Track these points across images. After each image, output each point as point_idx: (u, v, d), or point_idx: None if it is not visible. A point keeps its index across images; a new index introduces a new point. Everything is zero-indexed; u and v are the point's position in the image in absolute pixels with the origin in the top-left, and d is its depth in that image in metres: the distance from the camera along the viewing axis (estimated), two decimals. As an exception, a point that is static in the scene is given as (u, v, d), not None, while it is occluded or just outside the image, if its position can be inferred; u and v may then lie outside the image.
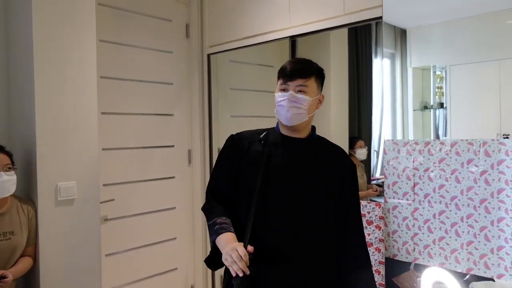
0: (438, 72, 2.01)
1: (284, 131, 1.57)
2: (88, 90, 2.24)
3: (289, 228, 1.45)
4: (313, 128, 1.63)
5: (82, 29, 2.21)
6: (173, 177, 3.01)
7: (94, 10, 2.25)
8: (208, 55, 3.10)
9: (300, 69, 1.49)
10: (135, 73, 2.79)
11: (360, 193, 2.26)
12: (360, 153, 2.37)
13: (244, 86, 3.07)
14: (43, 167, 2.09)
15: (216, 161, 1.63)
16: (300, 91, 1.48)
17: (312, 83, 1.50)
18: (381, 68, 2.22)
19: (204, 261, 1.51)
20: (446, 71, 1.98)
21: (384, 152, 2.06)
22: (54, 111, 2.12)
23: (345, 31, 2.38)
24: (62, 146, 2.15)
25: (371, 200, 2.26)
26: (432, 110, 2.02)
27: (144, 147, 2.85)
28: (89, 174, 2.24)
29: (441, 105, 2.00)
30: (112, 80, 2.68)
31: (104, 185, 2.63)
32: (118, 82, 2.71)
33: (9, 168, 1.93)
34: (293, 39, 2.58)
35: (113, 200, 2.66)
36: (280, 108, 1.50)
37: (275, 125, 1.64)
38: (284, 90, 1.50)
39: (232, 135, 1.64)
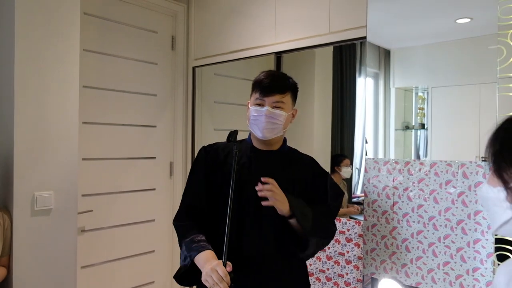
0: (420, 94, 2.04)
1: (256, 144, 1.59)
2: (70, 99, 2.22)
3: (264, 239, 1.48)
4: (285, 140, 1.64)
5: (65, 38, 2.20)
6: (154, 189, 2.98)
7: (78, 19, 2.24)
8: (193, 68, 3.12)
9: (278, 85, 1.48)
10: (119, 83, 2.79)
11: (341, 210, 2.27)
12: (346, 172, 2.38)
13: (228, 100, 3.09)
14: (21, 176, 2.05)
15: (190, 174, 1.61)
16: (276, 107, 1.48)
17: (288, 98, 1.51)
18: (364, 87, 2.25)
19: (174, 277, 1.50)
20: (428, 92, 2.01)
21: (365, 170, 2.09)
22: (33, 119, 2.10)
23: (330, 49, 2.41)
24: (40, 155, 2.12)
25: (350, 218, 2.27)
26: (413, 130, 2.05)
27: (125, 158, 2.83)
28: (67, 184, 2.21)
29: (422, 126, 2.02)
30: (95, 90, 2.67)
31: (82, 195, 2.60)
32: (101, 92, 2.70)
33: None
34: (278, 55, 2.61)
35: (91, 211, 2.63)
36: (256, 122, 1.50)
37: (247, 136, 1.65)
38: (260, 105, 1.49)
39: (204, 147, 1.63)
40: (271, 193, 1.40)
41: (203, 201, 1.55)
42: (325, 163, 2.45)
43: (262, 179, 1.43)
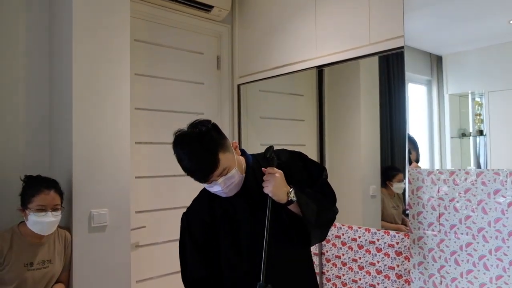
0: (477, 99, 1.99)
1: None
2: (122, 121, 2.33)
3: (271, 270, 1.41)
4: (244, 153, 1.57)
5: (118, 64, 2.32)
6: (204, 205, 3.05)
7: (129, 46, 2.38)
8: (238, 85, 3.21)
9: (206, 167, 1.36)
10: (168, 104, 2.91)
11: (391, 225, 2.28)
12: (398, 187, 2.33)
13: (274, 115, 3.14)
14: (79, 195, 2.16)
15: (180, 246, 1.59)
16: (222, 174, 1.40)
17: (223, 157, 1.38)
18: (406, 95, 2.19)
19: None
20: (484, 97, 1.96)
21: (409, 182, 2.06)
22: (89, 140, 2.21)
23: (375, 59, 2.41)
24: (96, 174, 2.22)
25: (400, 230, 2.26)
26: (471, 137, 2.00)
27: (175, 175, 2.90)
28: (120, 201, 2.31)
29: (481, 133, 1.97)
30: (146, 111, 2.81)
31: (136, 212, 2.71)
32: (151, 113, 2.83)
33: (57, 208, 1.98)
34: (320, 69, 2.65)
35: (144, 227, 2.75)
36: (217, 193, 1.46)
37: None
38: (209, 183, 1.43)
39: (184, 214, 1.61)
40: (266, 182, 1.39)
41: (203, 269, 1.53)
42: (375, 178, 2.47)
43: (263, 169, 1.43)
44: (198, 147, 1.36)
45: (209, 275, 1.52)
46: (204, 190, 1.59)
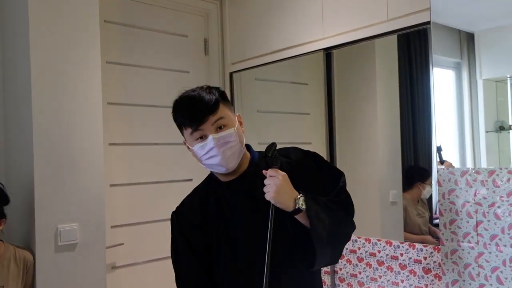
0: None
1: (223, 178, 1.57)
2: (94, 119, 2.33)
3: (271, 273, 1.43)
4: (249, 148, 1.62)
5: (85, 50, 2.31)
6: (193, 216, 3.04)
7: (98, 28, 2.35)
8: (231, 74, 3.18)
9: (204, 105, 1.44)
10: (147, 97, 2.90)
11: (416, 237, 2.27)
12: (428, 191, 2.31)
13: (273, 108, 3.12)
14: (42, 207, 2.15)
15: (172, 248, 1.63)
16: (219, 127, 1.46)
17: (223, 110, 1.48)
18: (432, 81, 2.17)
19: None
20: None
21: (439, 184, 2.03)
22: (54, 143, 2.20)
23: (393, 38, 2.38)
24: (63, 183, 2.22)
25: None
26: (511, 131, 1.97)
27: (159, 182, 2.91)
28: (93, 214, 2.30)
29: None
30: (121, 106, 2.80)
31: (112, 227, 2.69)
32: (128, 109, 2.82)
33: None
34: (327, 52, 2.63)
35: (122, 244, 2.72)
36: (211, 161, 1.48)
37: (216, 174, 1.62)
38: (201, 138, 1.46)
39: (174, 213, 1.65)
40: (267, 186, 1.40)
41: (198, 272, 1.57)
42: (395, 181, 2.47)
43: (263, 172, 1.44)
44: (198, 89, 1.49)
45: (208, 282, 1.56)
46: (197, 188, 1.65)
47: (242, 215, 1.52)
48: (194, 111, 1.44)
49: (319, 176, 1.56)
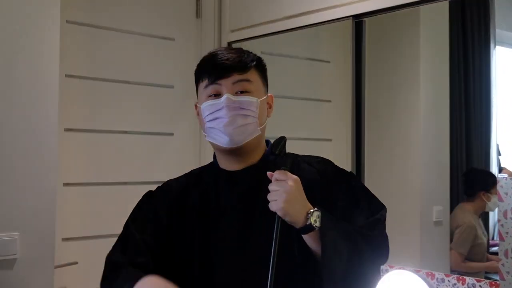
0: None
1: (226, 164, 1.59)
2: (46, 95, 2.32)
3: None
4: (267, 143, 1.65)
5: (39, 5, 2.29)
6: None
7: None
8: (229, 44, 3.15)
9: (234, 58, 1.52)
10: (118, 70, 2.90)
11: (473, 265, 2.36)
12: (494, 204, 2.29)
13: (283, 92, 3.02)
14: None
15: (128, 222, 1.68)
16: (241, 91, 1.51)
17: (255, 76, 1.56)
18: (493, 62, 2.21)
19: None
20: None
21: (499, 198, 2.02)
22: None
23: (444, 5, 2.40)
24: (1, 180, 2.20)
25: (486, 277, 2.24)
26: None
27: (127, 183, 2.91)
28: (40, 222, 2.28)
29: None
30: (84, 80, 2.78)
31: (64, 239, 2.67)
32: (92, 84, 2.81)
33: None
34: (358, 20, 2.58)
35: (76, 263, 2.69)
36: (215, 124, 1.51)
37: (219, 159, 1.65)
38: (215, 95, 1.52)
39: (150, 192, 1.69)
40: (272, 193, 1.39)
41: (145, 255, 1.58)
42: (441, 193, 2.51)
43: (268, 174, 1.43)
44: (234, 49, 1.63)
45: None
46: (185, 175, 1.70)
47: (234, 223, 1.52)
48: (219, 62, 1.51)
49: (350, 203, 1.54)
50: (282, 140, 1.48)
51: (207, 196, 1.59)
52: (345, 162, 2.55)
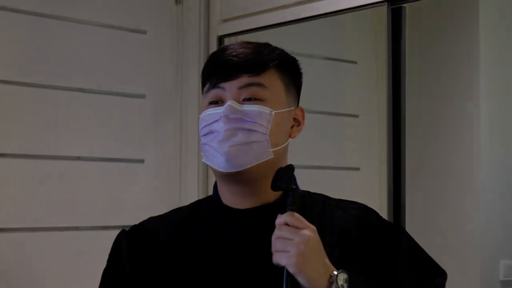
0: None
1: (229, 199, 1.55)
2: None
3: None
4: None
5: None
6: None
7: None
8: (220, 38, 3.20)
9: (247, 54, 1.51)
10: (68, 75, 2.89)
11: None
12: None
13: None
14: None
15: (103, 277, 1.63)
16: (249, 98, 1.47)
17: (274, 80, 1.51)
18: None
19: None
20: None
21: None
22: None
23: None
24: None
25: None
26: None
27: (78, 228, 2.91)
28: None
29: None
30: (21, 88, 2.78)
31: None
32: (33, 92, 2.81)
33: None
34: (395, 6, 2.56)
35: None
36: (208, 139, 1.50)
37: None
38: (216, 102, 1.49)
39: (125, 232, 1.63)
40: (280, 242, 1.34)
41: None
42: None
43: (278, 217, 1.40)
44: (255, 43, 1.58)
45: None
46: (179, 209, 1.70)
47: (238, 283, 1.49)
48: (225, 59, 1.50)
49: (399, 267, 1.50)
50: (288, 170, 1.41)
51: (207, 234, 1.56)
52: (377, 201, 2.58)
